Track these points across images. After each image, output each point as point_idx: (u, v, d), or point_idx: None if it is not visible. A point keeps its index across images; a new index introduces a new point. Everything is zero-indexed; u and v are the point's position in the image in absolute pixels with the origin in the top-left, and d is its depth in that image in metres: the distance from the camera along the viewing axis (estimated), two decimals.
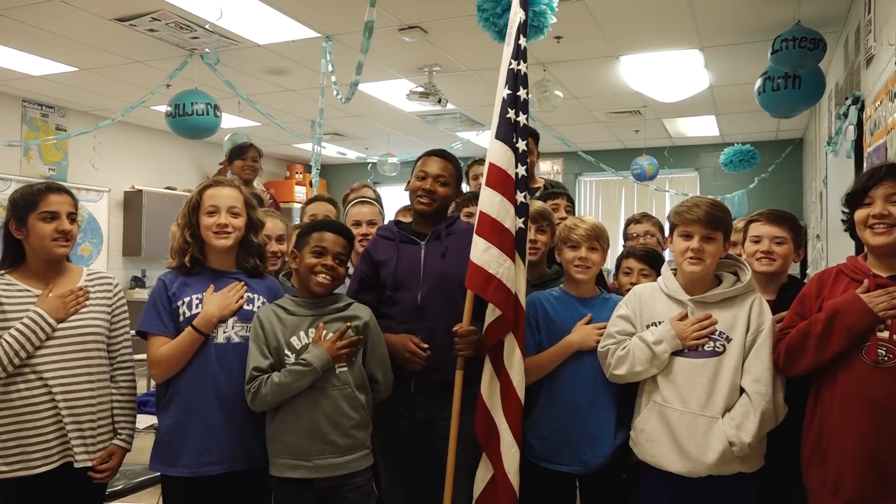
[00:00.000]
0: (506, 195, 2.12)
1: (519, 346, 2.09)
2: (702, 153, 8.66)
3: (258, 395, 1.99)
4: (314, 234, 2.12)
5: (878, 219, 1.82)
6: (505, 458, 2.08)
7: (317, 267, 2.08)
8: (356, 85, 4.15)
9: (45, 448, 1.99)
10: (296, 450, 2.00)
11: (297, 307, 2.10)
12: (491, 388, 2.12)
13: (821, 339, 1.84)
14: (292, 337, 2.05)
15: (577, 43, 4.83)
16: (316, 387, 2.01)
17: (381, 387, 2.14)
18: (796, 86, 4.06)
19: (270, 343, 2.04)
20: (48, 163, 6.84)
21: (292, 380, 1.97)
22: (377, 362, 2.13)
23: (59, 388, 2.00)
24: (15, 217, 2.06)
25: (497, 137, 2.17)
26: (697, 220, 2.00)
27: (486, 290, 2.07)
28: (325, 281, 2.08)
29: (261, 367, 2.01)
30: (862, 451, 1.78)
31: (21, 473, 1.97)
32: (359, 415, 2.05)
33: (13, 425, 1.98)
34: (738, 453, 1.90)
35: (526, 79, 2.22)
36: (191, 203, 2.16)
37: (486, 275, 2.07)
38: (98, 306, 2.13)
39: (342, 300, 2.15)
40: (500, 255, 2.08)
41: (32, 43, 4.91)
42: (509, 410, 2.08)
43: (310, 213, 3.13)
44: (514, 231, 2.13)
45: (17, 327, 1.97)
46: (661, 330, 2.02)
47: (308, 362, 1.98)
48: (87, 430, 2.05)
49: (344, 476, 2.02)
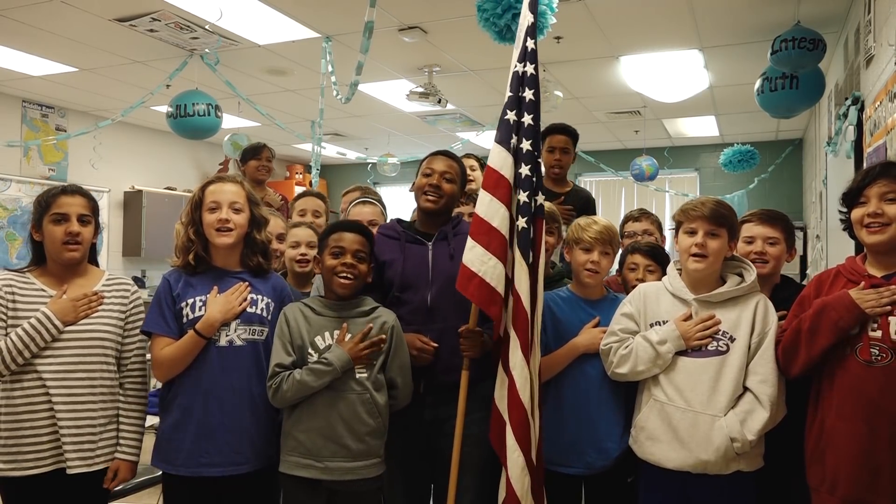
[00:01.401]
0: (496, 195, 2.10)
1: (521, 346, 2.07)
2: (702, 153, 8.65)
3: (279, 391, 2.00)
4: (332, 236, 2.12)
5: (873, 217, 1.83)
6: (509, 462, 2.06)
7: (337, 267, 2.08)
8: (356, 85, 4.15)
9: (37, 451, 1.99)
10: (308, 449, 2.00)
11: (324, 308, 2.11)
12: (501, 391, 2.12)
13: (809, 334, 1.85)
14: (317, 337, 2.06)
15: (577, 43, 4.83)
16: (335, 388, 2.01)
17: (399, 393, 2.12)
18: (794, 86, 4.06)
19: (295, 341, 2.05)
20: (48, 163, 6.84)
21: (312, 378, 1.97)
22: (398, 368, 2.12)
23: (57, 392, 1.99)
24: (34, 219, 2.08)
25: (496, 140, 2.17)
26: (702, 216, 2.02)
27: (467, 289, 2.06)
28: (346, 281, 2.07)
29: (283, 364, 2.02)
30: (857, 450, 1.79)
31: (14, 473, 1.97)
32: (374, 421, 2.04)
33: (13, 424, 1.98)
34: (739, 450, 1.90)
35: (534, 80, 2.18)
36: (193, 200, 2.15)
37: (468, 273, 2.06)
38: (111, 312, 2.12)
39: (368, 304, 2.14)
40: (483, 254, 2.06)
41: (32, 43, 4.91)
42: (513, 413, 2.07)
43: (298, 209, 3.12)
44: (508, 230, 2.11)
45: (23, 327, 1.98)
46: (665, 329, 2.02)
47: (329, 361, 1.98)
48: (85, 437, 2.03)
49: (353, 481, 2.01)
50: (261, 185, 4.39)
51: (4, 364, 1.95)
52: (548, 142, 3.52)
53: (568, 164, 3.56)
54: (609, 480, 2.17)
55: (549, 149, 3.51)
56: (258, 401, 2.09)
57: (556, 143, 3.51)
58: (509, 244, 2.11)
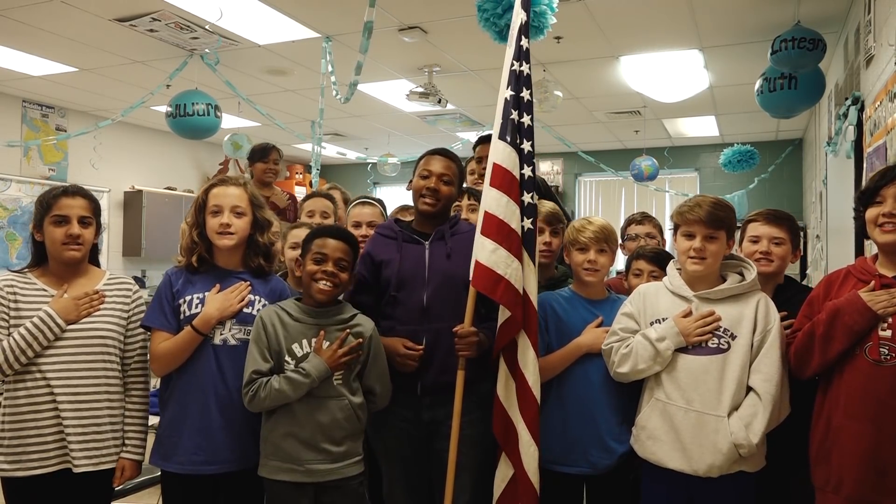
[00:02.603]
0: (511, 196, 2.11)
1: (532, 345, 2.09)
2: (702, 153, 8.65)
3: (256, 397, 1.98)
4: (316, 241, 2.11)
5: (888, 217, 1.83)
6: (524, 457, 2.07)
7: (317, 274, 2.06)
8: (355, 85, 4.15)
9: (42, 450, 1.99)
10: (288, 454, 2.00)
11: (302, 314, 2.09)
12: (507, 389, 2.12)
13: (823, 339, 1.85)
14: (294, 344, 2.05)
15: (577, 43, 4.83)
16: (312, 394, 2.00)
17: (378, 398, 2.14)
18: (793, 87, 4.06)
19: (272, 346, 2.03)
20: (48, 163, 6.85)
21: (290, 388, 1.97)
22: (376, 376, 2.12)
23: (61, 391, 2.00)
24: (35, 220, 2.09)
25: (500, 138, 2.16)
26: (699, 220, 2.01)
27: (496, 292, 2.06)
28: (325, 287, 2.06)
29: (260, 371, 2.00)
30: (863, 450, 1.79)
31: (18, 473, 1.97)
32: (352, 426, 2.05)
33: (16, 424, 1.98)
34: (744, 454, 1.90)
35: (529, 80, 2.20)
36: (197, 203, 2.16)
37: (495, 276, 2.06)
38: (113, 311, 2.12)
39: (347, 311, 2.13)
40: (508, 257, 2.07)
41: (32, 43, 4.91)
42: (526, 410, 2.08)
43: (307, 210, 3.12)
44: (521, 231, 2.12)
45: (26, 326, 1.98)
46: (664, 326, 2.02)
47: (307, 372, 1.98)
48: (90, 435, 2.03)
49: (336, 480, 2.02)
50: (268, 186, 4.39)
51: (8, 363, 1.96)
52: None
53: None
54: (611, 480, 2.17)
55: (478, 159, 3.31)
56: None
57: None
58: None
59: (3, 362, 1.95)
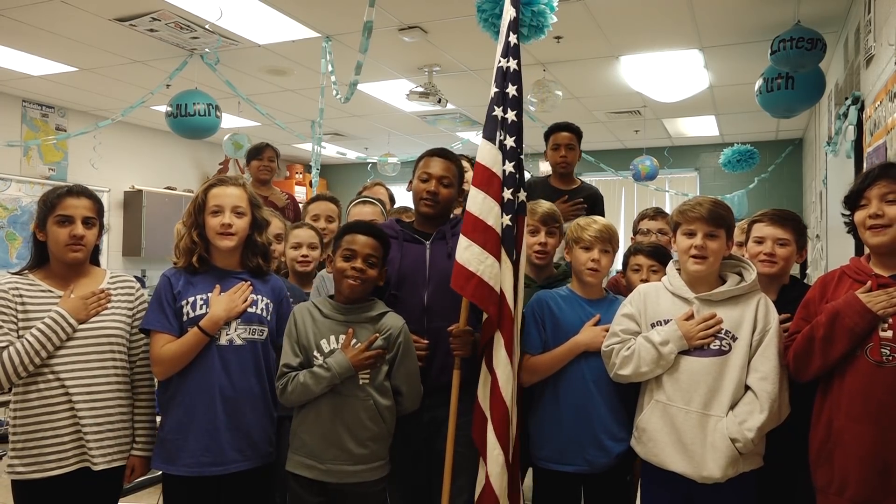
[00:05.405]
0: (489, 193, 2.10)
1: (505, 344, 2.07)
2: (702, 153, 8.65)
3: (286, 391, 2.02)
4: (345, 237, 2.12)
5: (874, 219, 1.83)
6: (489, 464, 2.06)
7: (347, 271, 2.07)
8: (355, 85, 4.15)
9: (60, 451, 1.98)
10: (311, 450, 2.01)
11: (332, 311, 2.11)
12: (484, 389, 2.12)
13: (824, 342, 1.84)
14: (322, 339, 2.06)
15: (577, 43, 4.83)
16: (339, 392, 2.01)
17: (405, 400, 2.11)
18: (790, 87, 4.06)
19: (302, 341, 2.06)
20: (48, 163, 6.84)
21: (314, 382, 1.98)
22: (404, 376, 2.10)
23: (76, 391, 2.00)
24: (38, 219, 2.08)
25: (483, 136, 2.16)
26: (700, 218, 2.01)
27: (466, 289, 2.06)
28: (353, 283, 2.07)
29: (291, 365, 2.04)
30: (866, 451, 1.78)
31: (36, 476, 1.96)
32: (377, 427, 2.04)
33: (31, 426, 1.98)
34: (741, 450, 1.90)
35: (517, 76, 2.18)
36: (196, 203, 2.15)
37: (466, 273, 2.05)
38: (119, 309, 2.13)
39: (377, 308, 2.13)
40: (481, 253, 2.06)
41: (32, 43, 4.90)
42: (495, 409, 2.07)
43: (311, 213, 3.12)
44: (500, 228, 2.11)
45: (38, 327, 1.97)
46: (667, 330, 2.01)
47: (329, 367, 1.99)
48: (105, 433, 2.04)
49: (355, 483, 2.01)
50: (266, 185, 4.38)
51: (23, 365, 1.95)
52: (552, 140, 3.52)
53: (574, 160, 3.56)
54: (609, 480, 2.17)
55: (554, 146, 3.51)
56: (258, 399, 2.10)
57: (560, 140, 3.51)
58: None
59: (18, 365, 1.94)
